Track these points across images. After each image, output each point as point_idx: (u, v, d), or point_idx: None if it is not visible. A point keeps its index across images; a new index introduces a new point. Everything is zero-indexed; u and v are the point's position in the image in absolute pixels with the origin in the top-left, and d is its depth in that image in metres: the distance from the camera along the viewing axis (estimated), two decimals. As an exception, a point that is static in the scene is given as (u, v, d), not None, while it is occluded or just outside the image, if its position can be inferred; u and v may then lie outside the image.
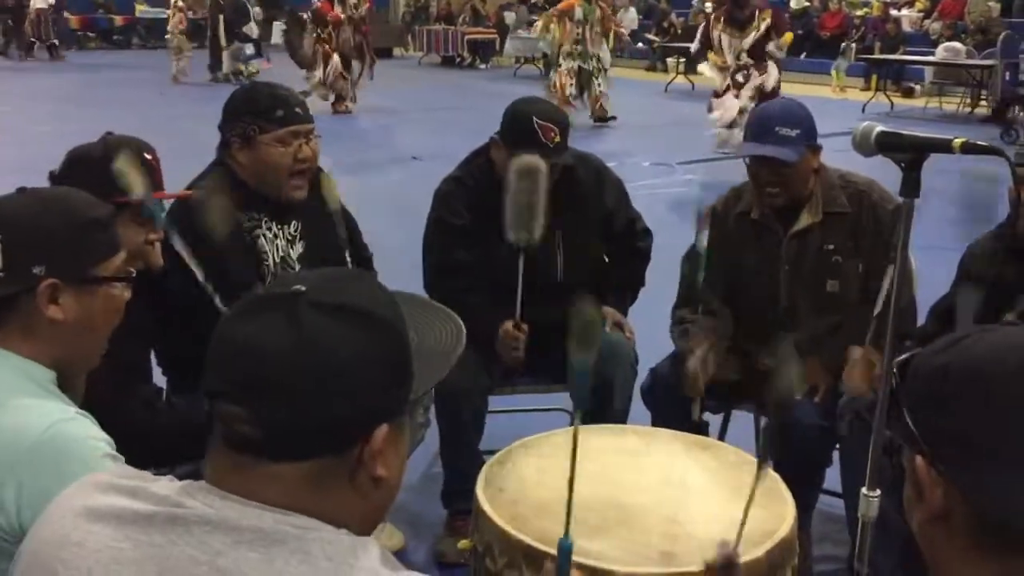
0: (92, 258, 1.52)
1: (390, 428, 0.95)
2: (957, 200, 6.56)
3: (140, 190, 1.93)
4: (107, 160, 1.94)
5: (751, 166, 2.62)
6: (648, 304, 2.99)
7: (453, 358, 1.10)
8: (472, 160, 2.84)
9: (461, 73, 18.70)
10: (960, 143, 1.54)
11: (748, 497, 1.63)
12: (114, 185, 1.90)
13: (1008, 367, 0.89)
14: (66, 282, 1.48)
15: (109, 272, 1.54)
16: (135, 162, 1.96)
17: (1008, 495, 0.86)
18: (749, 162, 2.62)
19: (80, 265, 1.50)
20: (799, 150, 2.52)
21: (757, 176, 2.60)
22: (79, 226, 1.51)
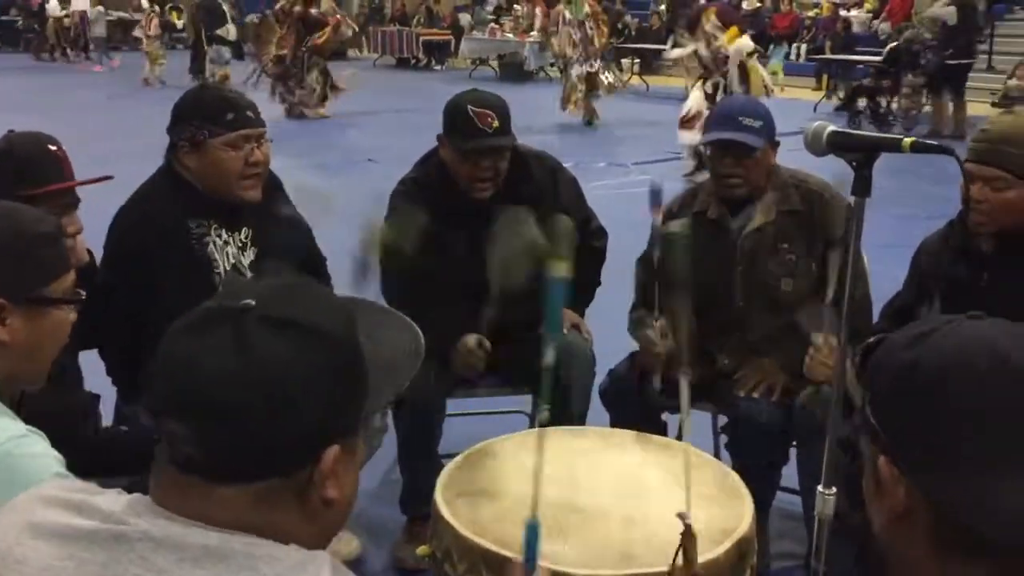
0: (41, 278, 1.47)
1: (342, 448, 0.92)
2: (909, 198, 6.67)
3: None
4: (10, 155, 1.91)
5: (713, 154, 2.64)
6: (605, 305, 2.99)
7: (410, 371, 1.06)
8: (426, 161, 2.83)
9: (416, 75, 18.66)
10: (910, 142, 1.56)
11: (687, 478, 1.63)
12: (21, 178, 1.87)
13: (977, 369, 0.88)
14: (14, 303, 1.43)
15: (59, 292, 1.50)
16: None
17: (972, 500, 0.85)
18: (711, 151, 2.64)
19: (29, 285, 1.45)
20: (762, 140, 2.56)
21: (719, 164, 2.62)
22: (26, 243, 1.46)
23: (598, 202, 3.08)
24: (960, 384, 0.87)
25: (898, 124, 11.38)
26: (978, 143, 2.22)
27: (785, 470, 2.62)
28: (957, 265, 2.32)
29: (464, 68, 19.10)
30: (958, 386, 0.87)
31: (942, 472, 0.87)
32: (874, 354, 0.96)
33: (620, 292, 2.93)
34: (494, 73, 18.26)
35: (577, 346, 2.74)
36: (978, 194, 2.18)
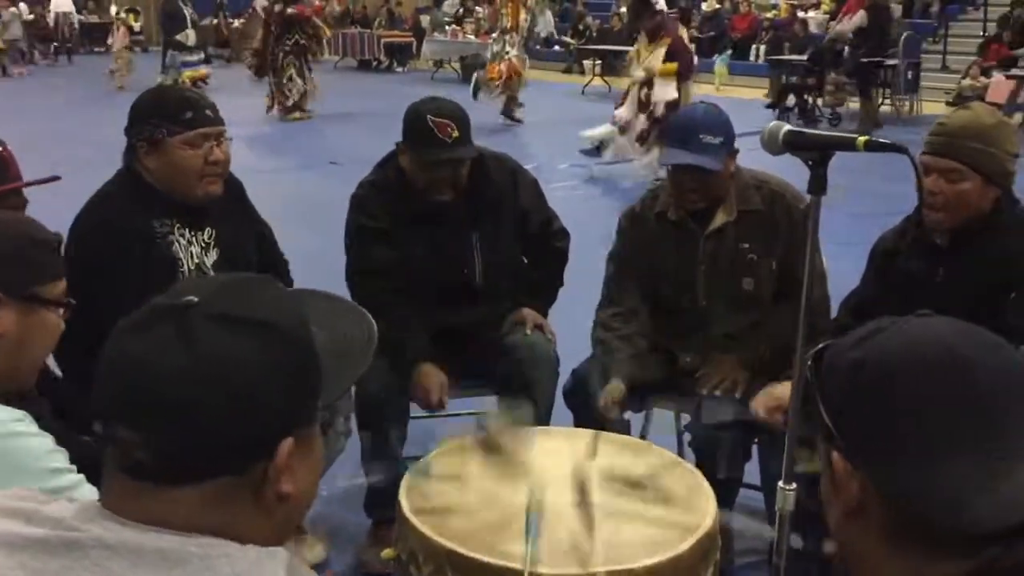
0: (36, 277, 1.57)
1: (296, 442, 0.91)
2: (865, 196, 6.75)
3: None
4: None
5: (673, 173, 2.64)
6: (568, 304, 3.00)
7: (365, 361, 1.06)
8: (386, 164, 2.82)
9: (378, 77, 18.57)
10: (863, 141, 1.58)
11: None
12: None
13: (923, 362, 0.89)
14: (8, 295, 1.52)
15: (51, 296, 1.60)
16: None
17: (923, 490, 0.87)
18: (671, 169, 2.64)
19: (23, 281, 1.55)
20: (721, 157, 2.56)
21: (680, 183, 2.62)
22: (26, 244, 1.57)
23: (560, 203, 3.09)
24: (907, 377, 0.89)
25: (824, 120, 11.93)
26: (935, 136, 2.26)
27: (749, 466, 2.64)
28: (913, 260, 2.36)
29: (426, 70, 19.04)
30: (905, 379, 0.89)
31: (892, 463, 0.89)
32: (824, 356, 0.98)
33: (583, 291, 2.94)
34: (456, 75, 18.24)
35: (540, 347, 2.75)
36: (933, 186, 2.21)
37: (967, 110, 2.33)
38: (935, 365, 0.89)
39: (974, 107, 2.38)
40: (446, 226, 2.73)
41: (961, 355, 0.89)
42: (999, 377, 0.89)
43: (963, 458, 0.86)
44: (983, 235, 2.24)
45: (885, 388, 0.90)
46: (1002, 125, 2.27)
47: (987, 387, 0.88)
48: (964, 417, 0.87)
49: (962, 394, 0.88)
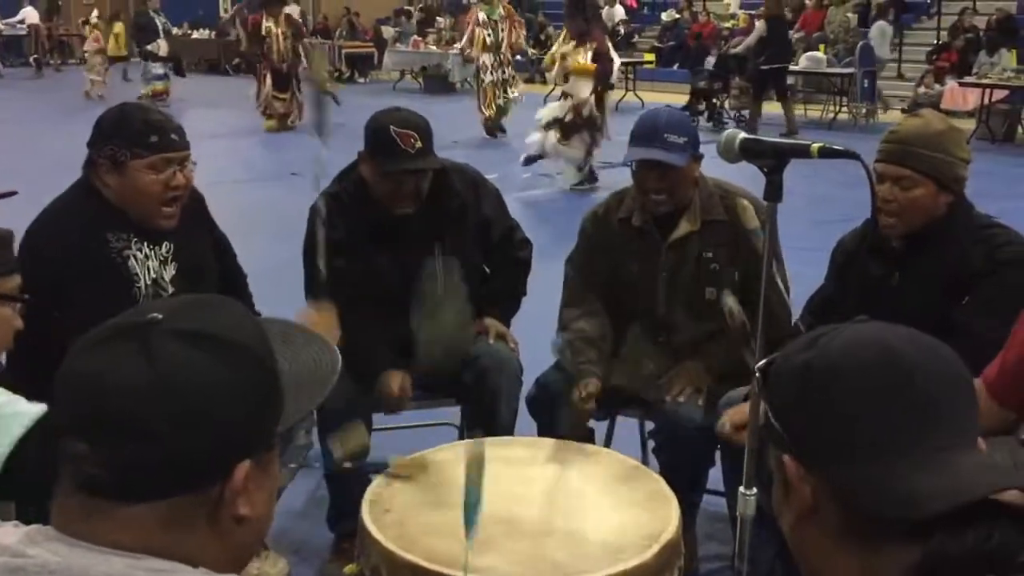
0: None
1: (254, 464, 0.90)
2: (825, 203, 6.83)
3: None
4: None
5: (637, 171, 2.65)
6: (531, 313, 3.00)
7: (327, 386, 1.05)
8: (346, 175, 2.80)
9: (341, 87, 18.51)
10: (817, 148, 1.60)
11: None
12: None
13: (864, 361, 0.92)
14: None
15: (3, 290, 1.62)
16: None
17: (872, 486, 0.89)
18: (636, 167, 2.65)
19: None
20: (686, 156, 2.57)
21: (643, 181, 2.63)
22: None
23: (523, 212, 3.10)
24: (850, 379, 0.92)
25: (732, 122, 12.39)
26: (887, 144, 2.29)
27: (714, 472, 2.65)
28: (870, 264, 2.39)
29: (388, 80, 19.01)
30: (848, 381, 0.92)
31: (841, 463, 0.91)
32: (773, 365, 1.00)
33: (546, 299, 2.94)
34: (418, 85, 18.22)
35: (504, 357, 2.74)
36: (887, 193, 2.24)
37: (918, 118, 2.36)
38: (876, 366, 0.92)
39: (924, 114, 2.42)
40: (408, 237, 2.72)
41: (900, 356, 0.92)
42: (935, 375, 0.92)
43: (907, 452, 0.89)
44: (937, 240, 2.27)
45: (830, 391, 0.92)
46: (952, 131, 2.30)
47: (924, 384, 0.91)
48: (905, 414, 0.90)
49: (902, 392, 0.91)
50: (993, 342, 2.05)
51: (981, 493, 0.86)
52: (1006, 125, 11.24)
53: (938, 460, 0.89)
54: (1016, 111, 11.39)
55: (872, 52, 13.53)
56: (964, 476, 0.87)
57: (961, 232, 2.27)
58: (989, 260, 2.22)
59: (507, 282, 2.93)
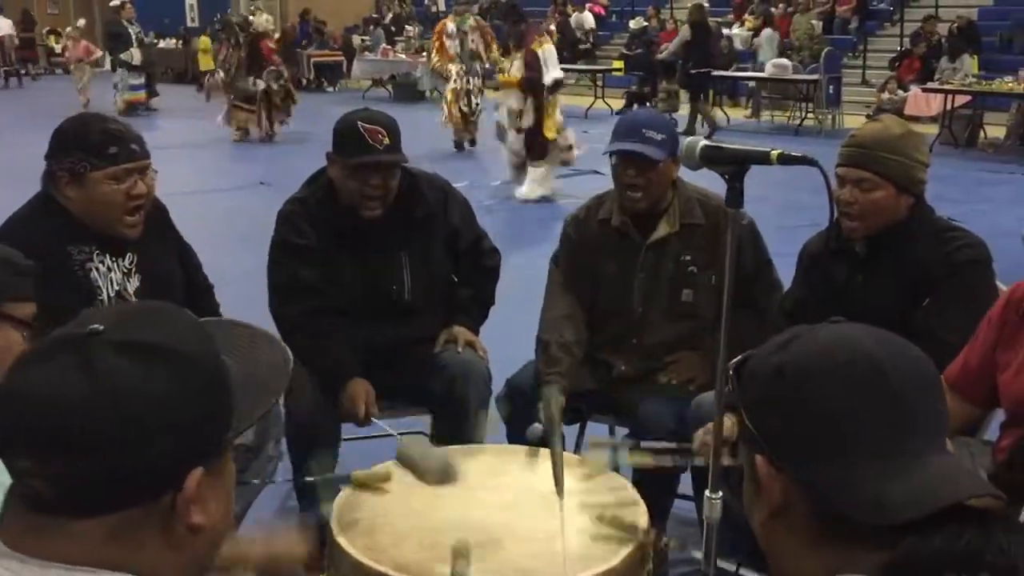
0: (3, 293, 1.63)
1: (207, 472, 0.89)
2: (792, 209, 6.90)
3: None
4: None
5: (617, 165, 2.67)
6: (500, 317, 3.00)
7: (280, 388, 1.04)
8: (314, 181, 2.79)
9: (308, 96, 18.35)
10: (777, 154, 1.62)
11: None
12: None
13: (836, 363, 0.93)
14: None
15: (17, 314, 1.64)
16: None
17: (844, 488, 0.90)
18: (615, 160, 2.68)
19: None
20: (664, 152, 2.60)
21: (622, 175, 2.66)
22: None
23: (491, 220, 3.10)
24: (824, 380, 0.93)
25: None
26: (847, 148, 2.33)
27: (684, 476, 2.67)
28: (834, 267, 2.42)
29: (357, 89, 18.97)
30: (822, 382, 0.93)
31: (813, 464, 0.92)
32: (745, 366, 1.01)
33: (515, 307, 2.95)
34: (388, 94, 18.20)
35: (473, 365, 2.74)
36: (849, 196, 2.28)
37: (877, 122, 2.41)
38: (850, 368, 0.93)
39: (884, 119, 2.46)
40: (375, 243, 2.72)
41: (873, 358, 0.93)
42: (908, 377, 0.93)
43: (879, 455, 0.90)
44: (899, 243, 2.31)
45: (804, 391, 0.93)
46: (911, 135, 2.35)
47: (898, 386, 0.92)
48: (878, 416, 0.91)
49: (875, 394, 0.91)
50: (953, 343, 2.09)
51: (951, 499, 0.87)
52: (968, 130, 11.41)
53: (909, 463, 0.90)
54: (978, 116, 11.57)
55: (838, 59, 13.71)
56: (935, 482, 0.88)
57: (921, 235, 2.31)
58: (948, 262, 2.26)
59: (475, 290, 2.93)
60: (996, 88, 11.27)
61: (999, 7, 15.25)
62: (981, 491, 0.90)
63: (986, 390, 2.04)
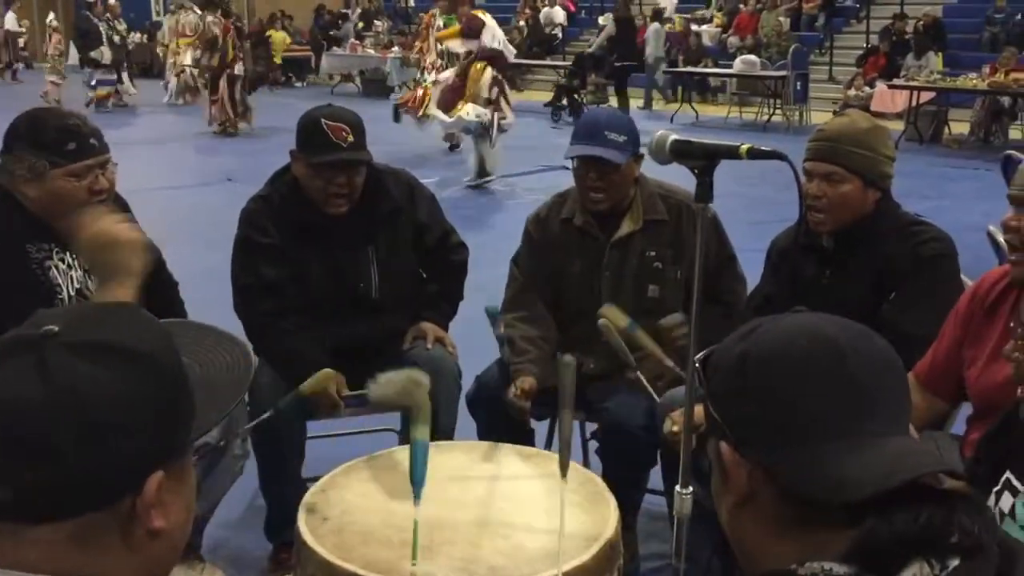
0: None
1: (167, 474, 0.87)
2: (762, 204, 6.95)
3: None
4: None
5: (578, 168, 2.66)
6: (469, 313, 2.99)
7: (241, 388, 1.02)
8: (278, 178, 2.76)
9: (276, 91, 18.28)
10: (746, 149, 1.62)
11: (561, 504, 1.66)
12: None
13: (798, 349, 0.94)
14: None
15: None
16: None
17: (804, 469, 0.91)
18: (576, 163, 2.67)
19: None
20: (626, 154, 2.59)
21: (584, 177, 2.65)
22: None
23: (462, 215, 3.09)
24: (785, 366, 0.94)
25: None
26: (815, 142, 2.34)
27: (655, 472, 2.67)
28: (803, 262, 2.43)
29: (326, 85, 18.85)
30: (784, 368, 0.94)
31: (777, 449, 0.93)
32: (710, 357, 1.02)
33: (484, 300, 2.93)
34: (357, 89, 18.10)
35: (443, 362, 2.72)
36: (816, 190, 2.30)
37: (844, 116, 2.43)
38: (810, 354, 0.94)
39: (850, 113, 2.49)
40: (341, 239, 2.69)
41: (833, 342, 0.94)
42: (867, 361, 0.94)
43: (840, 436, 0.91)
44: (866, 238, 2.32)
45: (765, 378, 0.94)
46: (877, 129, 2.37)
47: (857, 370, 0.93)
48: (839, 400, 0.92)
49: (836, 379, 0.93)
50: (919, 337, 2.10)
51: (908, 475, 0.88)
52: (933, 126, 11.56)
53: (869, 444, 0.91)
54: (942, 113, 11.72)
55: (805, 56, 13.83)
56: (893, 459, 0.90)
57: (888, 230, 2.32)
58: (914, 257, 2.27)
59: (444, 286, 2.91)
60: (960, 85, 11.42)
61: (964, 5, 15.45)
62: (939, 467, 0.91)
63: (953, 385, 2.06)
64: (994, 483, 1.39)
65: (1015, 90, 10.72)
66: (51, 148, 2.19)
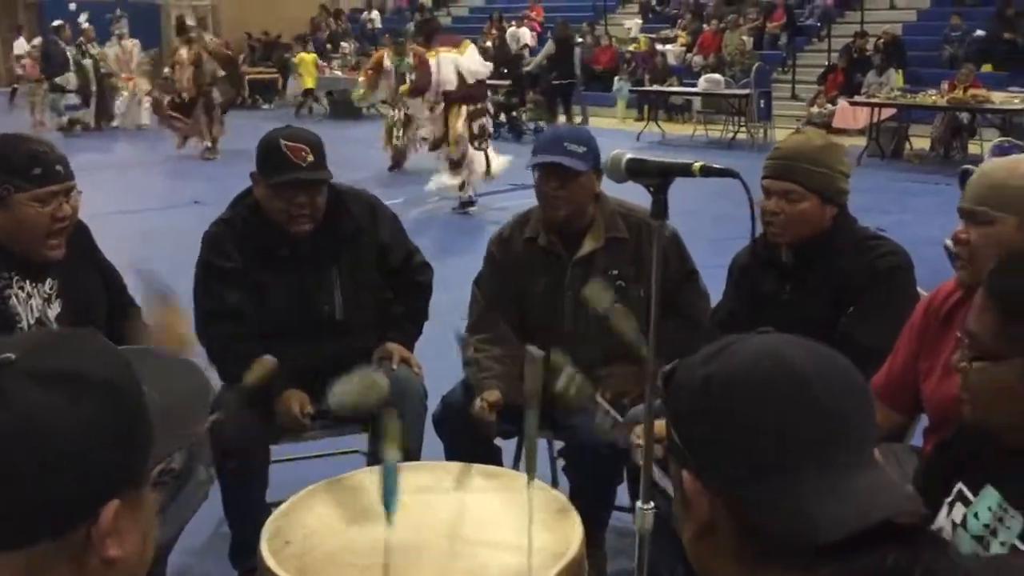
0: None
1: (123, 503, 0.86)
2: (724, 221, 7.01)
3: None
4: None
5: (539, 177, 2.69)
6: (435, 333, 2.98)
7: (200, 417, 1.02)
8: (240, 201, 2.75)
9: (244, 113, 18.17)
10: (699, 167, 1.64)
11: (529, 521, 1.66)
12: None
13: (762, 376, 0.92)
14: None
15: None
16: None
17: (769, 506, 0.89)
18: (538, 175, 2.69)
19: None
20: (585, 163, 2.62)
21: (544, 187, 2.67)
22: None
23: (425, 234, 3.08)
24: (748, 392, 0.91)
25: (530, 132, 13.76)
26: (772, 160, 2.38)
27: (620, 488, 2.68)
28: (763, 278, 2.46)
29: (293, 106, 18.81)
30: (747, 394, 0.91)
31: (738, 480, 0.90)
32: (673, 377, 1.00)
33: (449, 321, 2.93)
34: (324, 110, 18.07)
35: (408, 382, 2.72)
36: (775, 207, 2.33)
37: (800, 135, 2.48)
38: (775, 380, 0.91)
39: (806, 131, 2.54)
40: (304, 261, 2.69)
41: (799, 370, 0.92)
42: (835, 389, 0.92)
43: (806, 470, 0.89)
44: (824, 253, 2.36)
45: (730, 406, 0.92)
46: (832, 146, 2.41)
47: (825, 399, 0.90)
48: (805, 430, 0.90)
49: (802, 408, 0.90)
50: (877, 350, 2.13)
51: (879, 517, 0.86)
52: (894, 142, 11.73)
53: (835, 481, 0.88)
54: (904, 129, 11.90)
55: (768, 74, 14.01)
56: (860, 501, 0.87)
57: (845, 245, 2.36)
58: (871, 270, 2.31)
59: (408, 306, 2.91)
60: (920, 101, 11.60)
61: (922, 23, 15.73)
62: (910, 508, 0.90)
63: (910, 398, 2.08)
64: (946, 494, 1.41)
65: (973, 106, 10.91)
66: (17, 172, 2.18)
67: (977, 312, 1.30)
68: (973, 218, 1.90)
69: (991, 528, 1.32)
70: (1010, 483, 1.32)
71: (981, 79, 11.94)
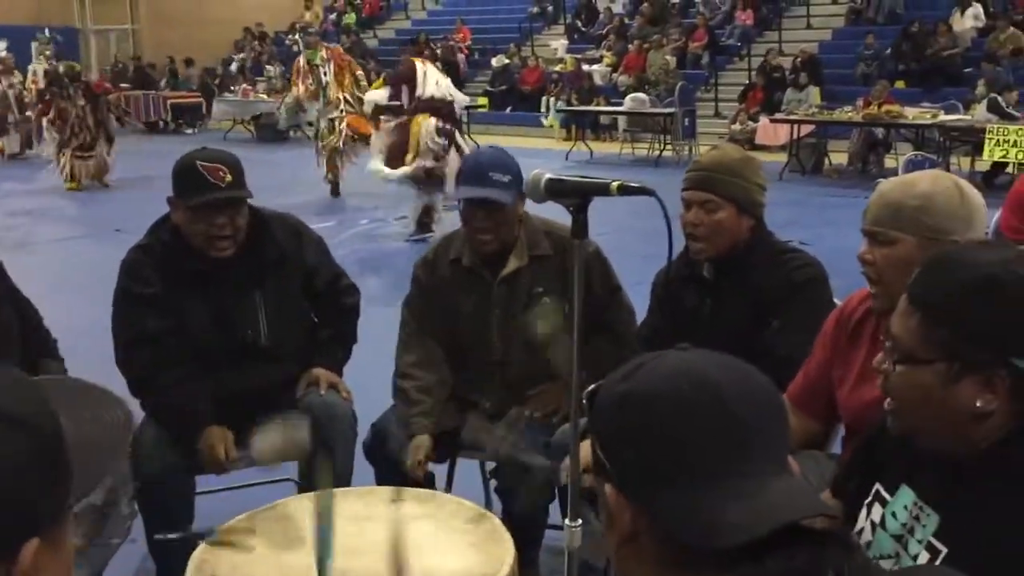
0: None
1: (43, 542, 0.83)
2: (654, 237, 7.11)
3: None
4: None
5: (465, 210, 2.68)
6: (364, 359, 2.96)
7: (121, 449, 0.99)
8: (159, 227, 2.70)
9: (166, 139, 17.87)
10: (617, 186, 1.67)
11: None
12: None
13: (675, 390, 0.95)
14: None
15: None
16: None
17: (679, 512, 0.92)
18: (464, 206, 2.68)
19: None
20: (511, 193, 2.62)
21: (472, 220, 2.66)
22: None
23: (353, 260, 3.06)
24: (666, 407, 0.94)
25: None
26: (691, 173, 2.45)
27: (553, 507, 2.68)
28: (685, 293, 2.50)
29: (218, 130, 18.54)
30: (664, 409, 0.94)
31: (655, 492, 0.93)
32: (598, 393, 1.02)
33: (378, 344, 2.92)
34: (250, 135, 17.86)
35: (337, 407, 2.69)
36: (694, 218, 2.39)
37: (717, 150, 2.55)
38: (689, 394, 0.94)
39: (723, 146, 2.63)
40: (226, 286, 2.64)
41: (712, 383, 0.95)
42: (746, 400, 0.95)
43: (717, 479, 0.92)
44: (742, 267, 2.41)
45: (646, 420, 0.94)
46: (748, 159, 2.49)
47: (737, 412, 0.93)
48: (717, 442, 0.93)
49: (715, 419, 0.93)
50: (795, 360, 2.18)
51: (783, 520, 0.88)
52: (814, 157, 12.03)
53: (746, 487, 0.91)
54: (823, 144, 12.23)
55: (692, 93, 14.28)
56: (767, 504, 0.90)
57: (762, 258, 2.42)
58: (788, 283, 2.37)
59: (336, 330, 2.88)
60: (837, 118, 11.93)
61: (837, 41, 16.22)
62: (814, 511, 0.93)
63: (825, 405, 2.13)
64: (865, 496, 1.44)
65: (888, 121, 11.27)
66: None
67: (900, 316, 1.33)
68: (874, 239, 1.92)
69: (908, 527, 1.35)
70: (923, 481, 1.36)
71: (895, 95, 12.33)
